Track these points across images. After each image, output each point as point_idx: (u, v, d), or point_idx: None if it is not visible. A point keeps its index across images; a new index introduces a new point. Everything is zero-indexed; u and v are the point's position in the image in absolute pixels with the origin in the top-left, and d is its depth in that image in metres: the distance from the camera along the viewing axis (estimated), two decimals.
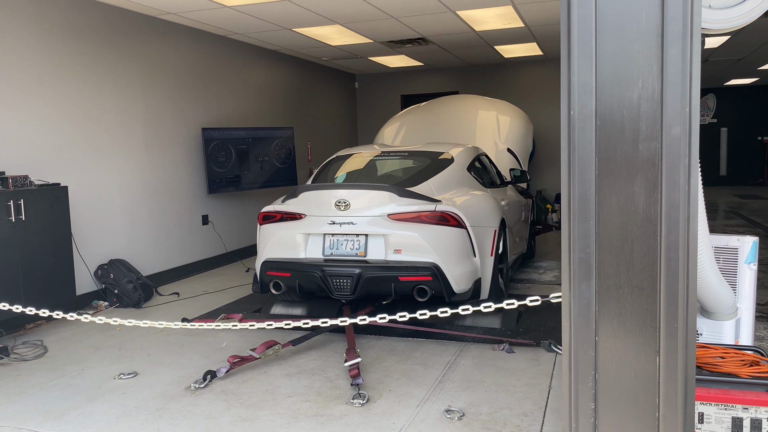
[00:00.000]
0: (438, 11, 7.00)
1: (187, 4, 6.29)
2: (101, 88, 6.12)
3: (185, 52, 7.32)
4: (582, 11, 1.84)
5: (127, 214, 6.43)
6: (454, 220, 4.48)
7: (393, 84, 12.25)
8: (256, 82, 8.85)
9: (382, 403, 3.48)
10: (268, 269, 4.73)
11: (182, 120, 7.27)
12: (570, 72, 1.85)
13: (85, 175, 5.92)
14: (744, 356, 2.44)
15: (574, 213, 1.90)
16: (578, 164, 1.88)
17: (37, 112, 5.43)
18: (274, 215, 4.84)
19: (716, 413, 2.30)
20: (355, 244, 4.55)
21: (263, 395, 3.63)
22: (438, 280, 4.37)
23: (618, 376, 1.93)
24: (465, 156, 5.51)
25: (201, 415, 3.39)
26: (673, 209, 1.81)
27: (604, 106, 1.86)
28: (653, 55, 1.80)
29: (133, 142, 6.54)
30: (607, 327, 1.92)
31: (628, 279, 1.88)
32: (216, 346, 4.57)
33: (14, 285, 4.63)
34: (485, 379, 3.77)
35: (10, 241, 4.60)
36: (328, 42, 8.65)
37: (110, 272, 5.93)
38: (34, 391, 3.80)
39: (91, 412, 3.47)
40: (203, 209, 7.64)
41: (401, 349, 4.40)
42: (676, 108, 1.79)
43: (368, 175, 5.41)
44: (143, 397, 3.66)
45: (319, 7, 6.64)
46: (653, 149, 1.82)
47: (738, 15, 2.38)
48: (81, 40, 5.88)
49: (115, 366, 4.22)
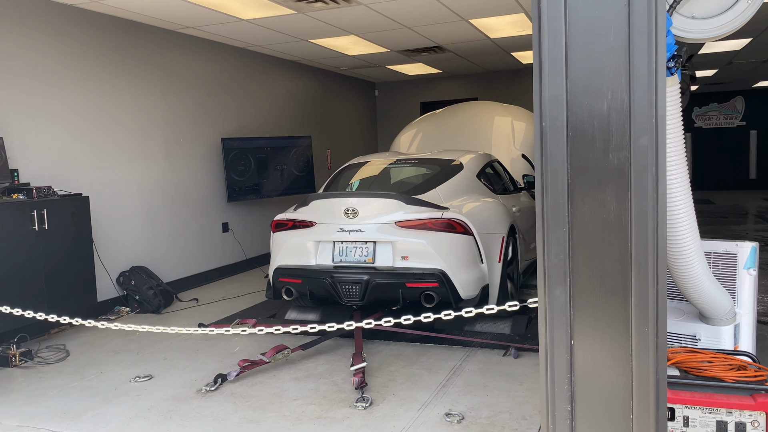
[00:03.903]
0: (451, 20, 7.08)
1: (205, 18, 6.48)
2: (122, 100, 6.34)
3: (205, 64, 7.52)
4: (552, 25, 1.91)
5: (148, 222, 6.64)
6: (461, 227, 4.55)
7: (412, 91, 12.35)
8: (276, 92, 9.04)
9: (384, 406, 3.56)
10: (280, 276, 4.85)
11: (202, 130, 7.47)
12: (541, 85, 1.92)
13: (107, 185, 6.13)
14: (732, 361, 2.47)
15: (547, 221, 1.97)
16: (551, 174, 1.95)
17: (60, 124, 5.66)
18: (286, 223, 4.96)
19: (701, 417, 2.33)
20: (363, 251, 4.65)
21: (270, 398, 3.75)
22: (445, 287, 4.43)
23: (593, 378, 1.98)
24: (475, 163, 5.57)
25: (209, 417, 3.51)
26: (642, 216, 1.86)
27: (575, 117, 1.92)
28: (622, 67, 1.86)
29: (154, 152, 6.75)
30: (582, 331, 1.97)
31: (601, 284, 1.94)
32: (229, 351, 4.71)
33: (38, 291, 4.83)
34: (488, 384, 3.82)
35: (34, 250, 4.80)
36: (345, 52, 8.79)
37: (131, 279, 6.13)
38: (53, 393, 3.98)
39: (106, 413, 3.62)
40: (223, 217, 7.83)
41: (408, 354, 4.48)
42: (644, 119, 1.84)
43: (379, 182, 5.51)
44: (156, 399, 3.80)
45: (333, 19, 6.78)
46: (623, 158, 1.88)
47: (721, 24, 2.42)
48: (102, 54, 6.11)
49: (132, 369, 4.38)
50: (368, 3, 6.18)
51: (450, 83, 12.08)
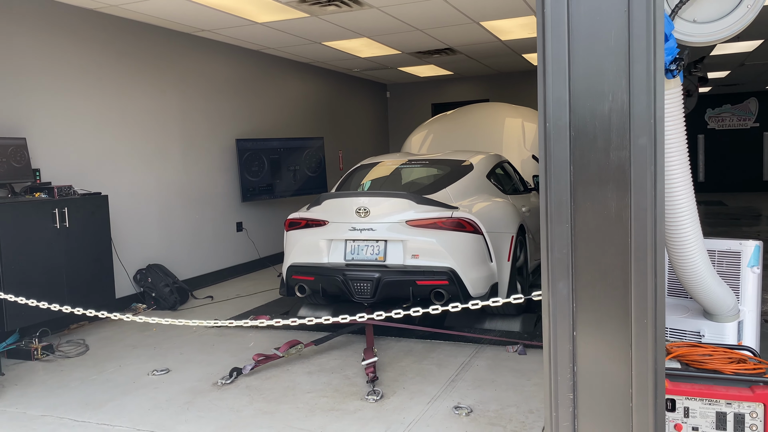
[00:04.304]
0: (462, 23, 7.18)
1: (220, 21, 6.62)
2: (140, 102, 6.50)
3: (220, 66, 7.67)
4: (556, 30, 2.00)
5: (164, 221, 6.78)
6: (470, 226, 4.64)
7: (424, 93, 12.45)
8: (289, 94, 9.17)
9: (395, 399, 3.66)
10: (293, 273, 4.96)
11: (217, 131, 7.61)
12: (545, 87, 2.02)
13: (125, 184, 6.28)
14: (732, 354, 2.54)
15: (551, 217, 2.06)
16: (554, 172, 2.04)
17: (80, 125, 5.82)
18: (300, 222, 5.08)
19: (701, 408, 2.41)
20: (374, 250, 4.75)
21: (284, 391, 3.86)
22: (454, 284, 4.53)
23: (594, 368, 2.07)
24: (485, 163, 5.65)
25: (225, 408, 3.63)
26: (641, 212, 1.95)
27: (577, 118, 2.01)
28: (622, 70, 1.95)
29: (171, 152, 6.89)
30: (584, 322, 2.06)
31: (602, 277, 2.03)
32: (244, 346, 4.82)
33: (59, 287, 4.97)
34: (496, 379, 3.91)
35: (55, 247, 4.95)
36: (358, 54, 8.91)
37: (148, 276, 6.27)
38: (75, 385, 4.11)
39: (125, 405, 3.75)
40: (237, 217, 7.96)
41: (418, 350, 4.58)
42: (643, 119, 1.93)
43: (390, 182, 5.61)
44: (174, 392, 3.92)
45: (346, 22, 6.89)
46: (623, 157, 1.97)
47: (722, 28, 2.50)
48: (121, 57, 6.26)
49: (150, 363, 4.50)
50: (380, 6, 6.29)
51: (461, 85, 12.16)
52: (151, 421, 3.50)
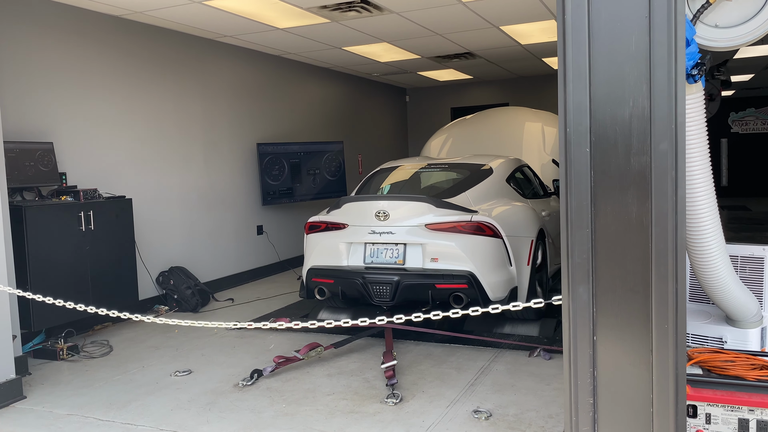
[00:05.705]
0: (482, 27, 7.18)
1: (242, 27, 6.70)
2: (163, 107, 6.60)
3: (241, 71, 7.76)
4: (576, 36, 2.01)
5: (186, 224, 6.87)
6: (490, 230, 4.64)
7: (443, 97, 12.46)
8: (309, 99, 9.25)
9: (414, 402, 3.68)
10: (313, 276, 5.00)
11: (238, 135, 7.70)
12: (566, 92, 2.03)
13: (149, 188, 6.38)
14: (755, 360, 2.52)
15: (571, 221, 2.07)
16: (575, 177, 2.05)
17: (105, 130, 5.92)
18: (320, 225, 5.12)
19: (723, 414, 2.40)
20: (394, 253, 4.77)
21: (304, 393, 3.89)
22: (474, 288, 4.53)
23: (615, 373, 2.07)
24: (505, 167, 5.65)
25: (246, 410, 3.67)
26: (662, 218, 1.95)
27: (598, 123, 2.02)
28: (643, 76, 1.96)
29: (193, 156, 6.99)
30: (604, 327, 2.07)
31: (622, 282, 2.03)
32: (264, 348, 4.87)
33: (84, 289, 5.06)
34: (516, 383, 3.91)
35: (80, 249, 5.04)
36: (377, 59, 8.95)
37: (170, 278, 6.35)
38: (99, 385, 4.19)
39: (149, 404, 3.81)
40: (258, 220, 8.04)
41: (438, 354, 4.59)
42: (664, 125, 1.93)
43: (410, 186, 5.63)
44: (195, 392, 3.98)
45: (365, 27, 6.94)
46: (644, 163, 1.97)
47: (745, 33, 2.49)
48: (145, 63, 6.37)
49: (172, 364, 4.57)
50: (400, 11, 6.33)
51: (481, 89, 12.15)
52: (174, 421, 3.56)
